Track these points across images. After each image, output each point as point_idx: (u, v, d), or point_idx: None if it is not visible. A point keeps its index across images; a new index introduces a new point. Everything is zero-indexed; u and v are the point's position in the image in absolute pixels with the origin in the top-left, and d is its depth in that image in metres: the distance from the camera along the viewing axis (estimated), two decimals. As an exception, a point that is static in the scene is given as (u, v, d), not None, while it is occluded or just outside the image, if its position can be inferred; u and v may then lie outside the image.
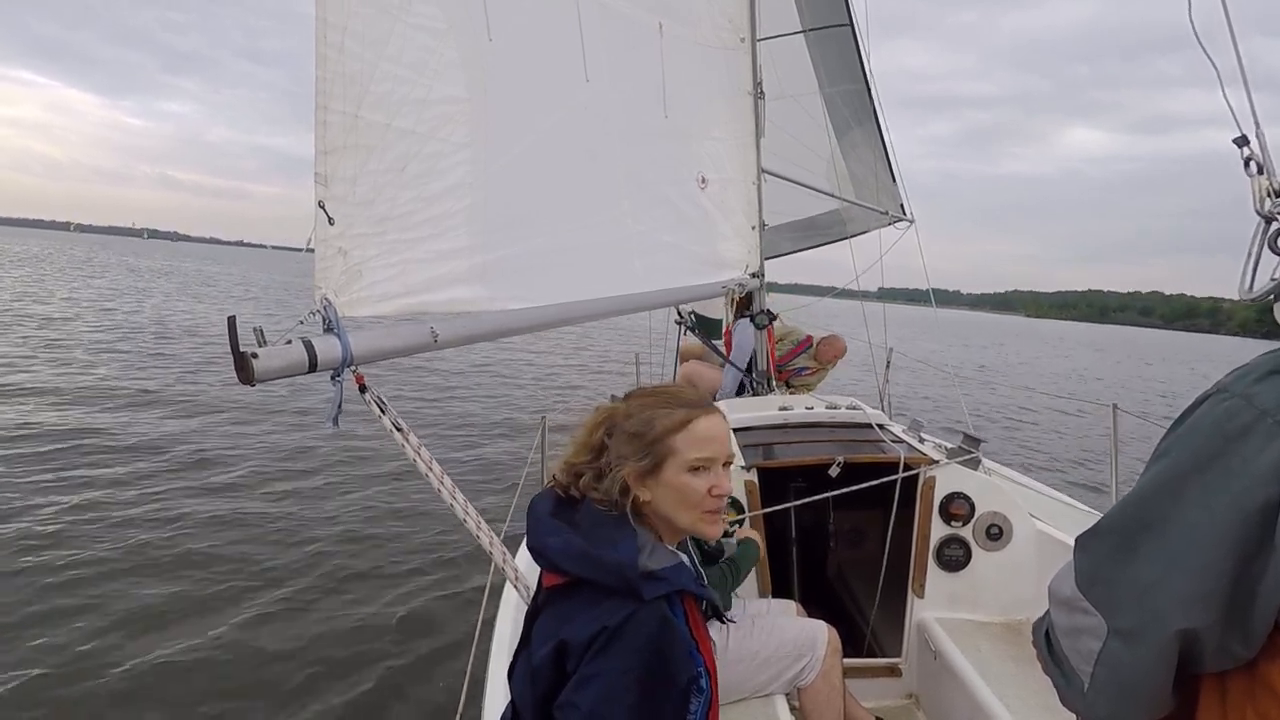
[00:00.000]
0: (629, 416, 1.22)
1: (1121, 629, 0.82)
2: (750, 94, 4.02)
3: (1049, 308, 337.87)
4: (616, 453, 1.19)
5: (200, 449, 7.05)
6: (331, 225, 1.55)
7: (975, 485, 2.65)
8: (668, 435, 1.18)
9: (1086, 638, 0.86)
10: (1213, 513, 0.74)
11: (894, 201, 5.76)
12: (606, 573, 1.06)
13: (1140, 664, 0.81)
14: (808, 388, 5.13)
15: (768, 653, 2.04)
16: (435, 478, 1.61)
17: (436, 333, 1.73)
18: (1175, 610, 0.77)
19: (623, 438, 1.20)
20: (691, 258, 3.50)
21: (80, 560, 4.51)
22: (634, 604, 1.04)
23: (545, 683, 1.07)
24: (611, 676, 1.00)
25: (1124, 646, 0.82)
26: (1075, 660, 0.88)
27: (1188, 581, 0.76)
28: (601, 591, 1.06)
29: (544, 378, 13.92)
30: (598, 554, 1.08)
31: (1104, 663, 0.84)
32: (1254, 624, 0.75)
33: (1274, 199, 0.85)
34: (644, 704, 1.01)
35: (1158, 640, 0.79)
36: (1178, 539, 0.77)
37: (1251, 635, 0.76)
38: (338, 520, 5.55)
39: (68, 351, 11.95)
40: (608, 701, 1.00)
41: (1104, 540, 0.84)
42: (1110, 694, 0.85)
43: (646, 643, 1.03)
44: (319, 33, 1.57)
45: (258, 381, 1.33)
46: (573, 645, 1.04)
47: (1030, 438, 12.75)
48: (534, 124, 2.32)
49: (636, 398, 1.26)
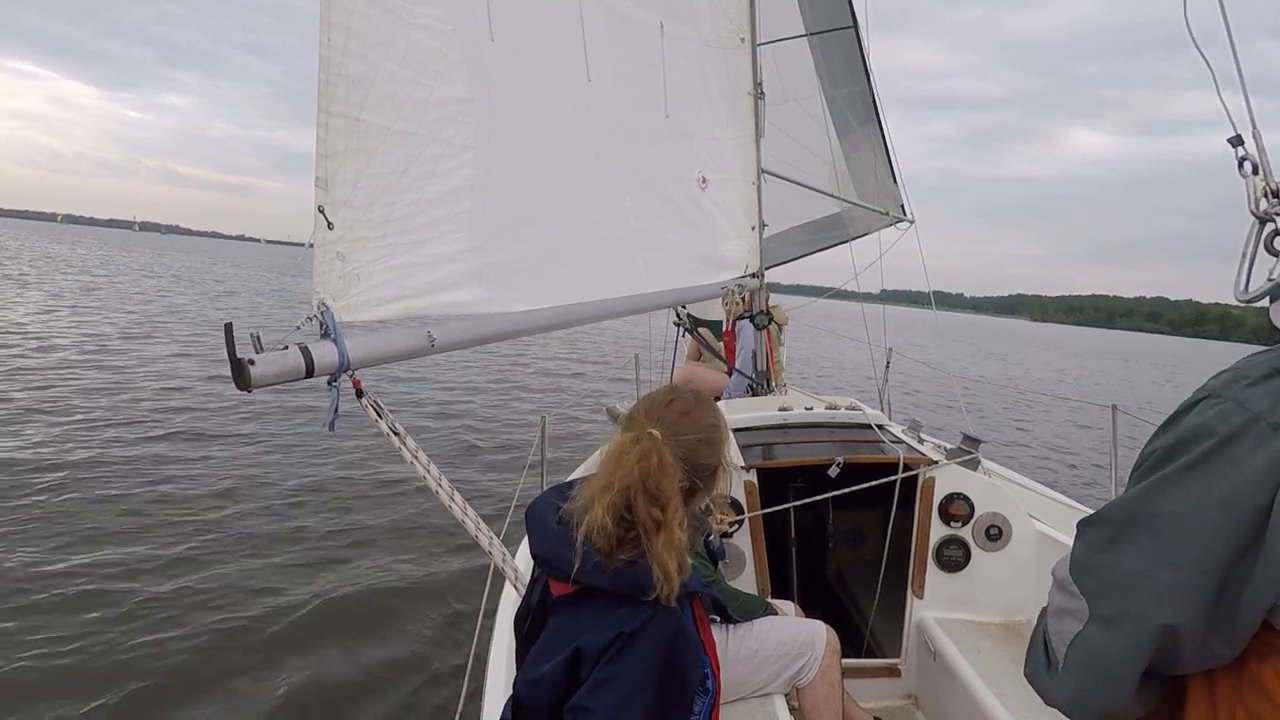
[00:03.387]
0: (695, 429, 1.20)
1: (1102, 615, 0.84)
2: (751, 94, 4.02)
3: (1055, 311, 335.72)
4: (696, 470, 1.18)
5: (192, 452, 7.05)
6: (331, 230, 1.56)
7: (975, 486, 2.65)
8: (723, 442, 1.22)
9: (1069, 619, 0.89)
10: (1200, 512, 0.75)
11: (894, 202, 5.76)
12: (625, 583, 1.06)
13: (1113, 652, 0.84)
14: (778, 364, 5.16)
15: (767, 652, 2.05)
16: (434, 480, 1.62)
17: (433, 337, 1.73)
18: (1156, 604, 0.78)
19: (704, 450, 1.21)
20: (692, 257, 3.50)
21: (75, 565, 4.52)
22: (650, 609, 1.05)
23: (556, 688, 1.07)
24: (627, 680, 1.01)
25: (1101, 632, 0.84)
26: (1055, 641, 0.91)
27: (1172, 577, 0.78)
28: (615, 598, 1.07)
29: (543, 378, 13.92)
30: (614, 565, 1.07)
31: (1078, 645, 0.87)
32: (1239, 625, 0.76)
33: (1270, 199, 0.86)
34: (657, 707, 1.02)
35: (1135, 631, 0.81)
36: (1165, 535, 0.78)
37: (1235, 636, 0.78)
38: (336, 522, 5.55)
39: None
40: (623, 705, 1.00)
41: (1099, 529, 0.86)
42: (1077, 676, 0.88)
43: (663, 647, 1.04)
44: (322, 35, 1.57)
45: (254, 388, 1.33)
46: (588, 652, 1.04)
47: (1030, 438, 12.75)
48: (536, 124, 2.32)
49: (678, 409, 1.23)
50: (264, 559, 4.80)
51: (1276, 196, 0.86)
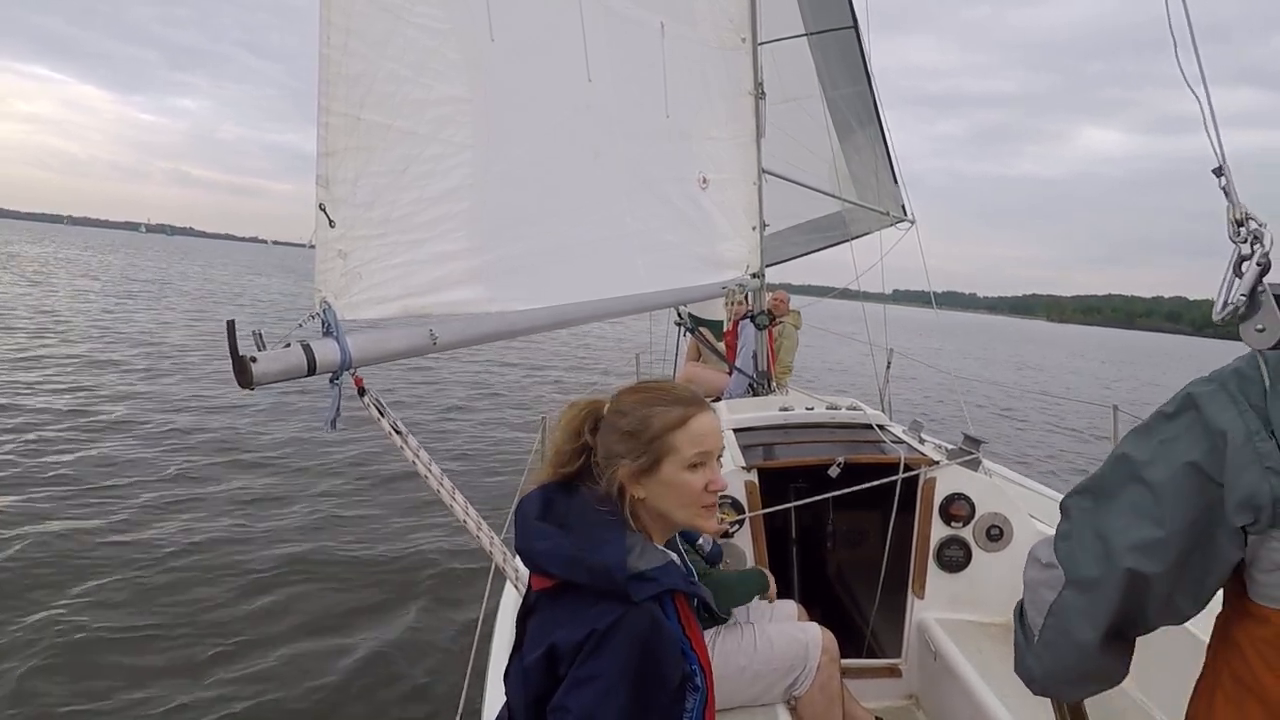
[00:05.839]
0: (621, 414, 1.19)
1: (1079, 579, 0.92)
2: (751, 94, 4.02)
3: (1072, 312, 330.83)
4: (607, 451, 1.17)
5: (190, 453, 7.05)
6: (332, 228, 1.56)
7: (975, 486, 2.65)
8: (666, 433, 1.17)
9: (1044, 590, 0.97)
10: (1171, 467, 0.85)
11: (895, 202, 5.77)
12: (595, 576, 1.06)
13: (1086, 612, 0.92)
14: (784, 360, 5.15)
15: (756, 667, 1.98)
16: (435, 479, 1.61)
17: (435, 335, 1.73)
18: (1129, 553, 0.87)
19: (615, 436, 1.18)
20: (692, 257, 3.50)
21: (73, 567, 4.52)
22: (623, 606, 1.04)
23: (537, 686, 1.07)
24: (602, 679, 1.00)
25: (1076, 594, 0.93)
26: (1033, 615, 1.00)
27: (1144, 528, 0.87)
28: (591, 594, 1.06)
29: (543, 378, 13.92)
30: (585, 557, 1.06)
31: (1055, 612, 0.95)
32: (1207, 583, 0.87)
33: (1234, 226, 0.96)
34: (635, 706, 1.00)
35: (1108, 585, 0.89)
36: (1140, 494, 0.88)
37: (1202, 591, 0.88)
38: (338, 522, 5.55)
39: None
40: (599, 704, 0.99)
41: (1081, 498, 0.96)
42: (1053, 644, 0.97)
43: (636, 644, 1.02)
44: (322, 34, 1.57)
45: (257, 385, 1.33)
46: (563, 649, 1.04)
47: (1031, 438, 12.75)
48: (536, 124, 2.32)
49: (626, 395, 1.23)
50: (263, 558, 4.80)
51: (1240, 225, 0.95)
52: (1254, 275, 0.89)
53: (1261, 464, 0.79)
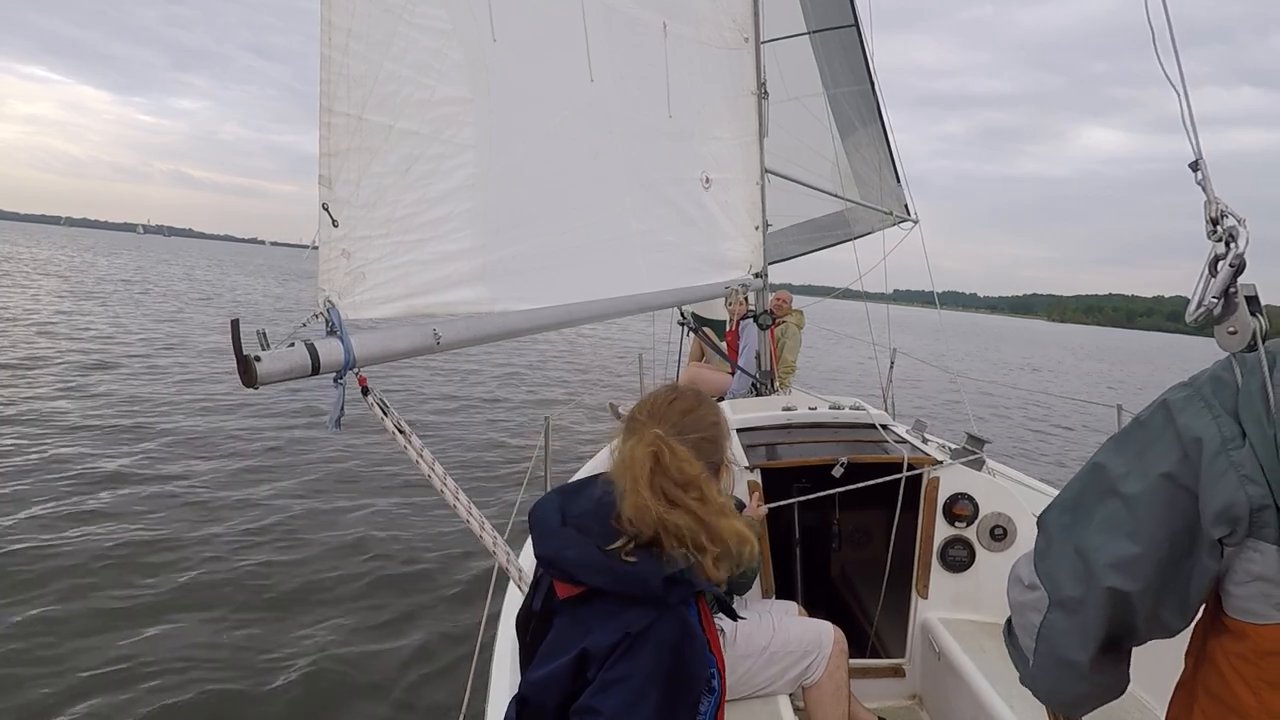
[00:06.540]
0: (698, 428, 1.21)
1: (1062, 600, 0.90)
2: (754, 94, 4.02)
3: (1073, 311, 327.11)
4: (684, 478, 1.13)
5: (191, 453, 7.06)
6: (335, 228, 1.56)
7: (979, 486, 2.64)
8: (725, 440, 1.21)
9: (1030, 612, 0.95)
10: (1147, 479, 0.83)
11: (898, 202, 5.76)
12: (631, 584, 1.05)
13: (1074, 633, 0.90)
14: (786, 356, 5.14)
15: (775, 648, 2.05)
16: (438, 479, 1.61)
17: (439, 334, 1.73)
18: (1108, 571, 0.85)
19: (708, 448, 1.20)
20: (695, 257, 3.49)
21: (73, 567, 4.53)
22: (657, 609, 1.04)
23: (562, 689, 1.07)
24: (634, 681, 1.00)
25: (1061, 616, 0.91)
26: (1023, 638, 0.98)
27: (1121, 545, 0.84)
28: (622, 599, 1.06)
29: (546, 379, 13.92)
30: (620, 566, 1.06)
31: (1044, 635, 0.93)
32: (1191, 596, 0.84)
33: (1210, 224, 0.92)
34: (664, 708, 1.01)
35: (1091, 605, 0.87)
36: (1116, 508, 0.86)
37: (1187, 606, 0.85)
38: (340, 522, 5.55)
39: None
40: (630, 706, 0.99)
41: (1060, 514, 0.94)
42: (1048, 668, 0.95)
43: (669, 648, 1.03)
44: (323, 34, 1.57)
45: (261, 385, 1.33)
46: (594, 653, 1.03)
47: (1034, 438, 12.72)
48: (538, 124, 2.32)
49: (680, 408, 1.23)
50: (262, 557, 4.80)
51: (1216, 223, 0.91)
52: (1227, 276, 0.85)
53: (1236, 472, 0.76)
